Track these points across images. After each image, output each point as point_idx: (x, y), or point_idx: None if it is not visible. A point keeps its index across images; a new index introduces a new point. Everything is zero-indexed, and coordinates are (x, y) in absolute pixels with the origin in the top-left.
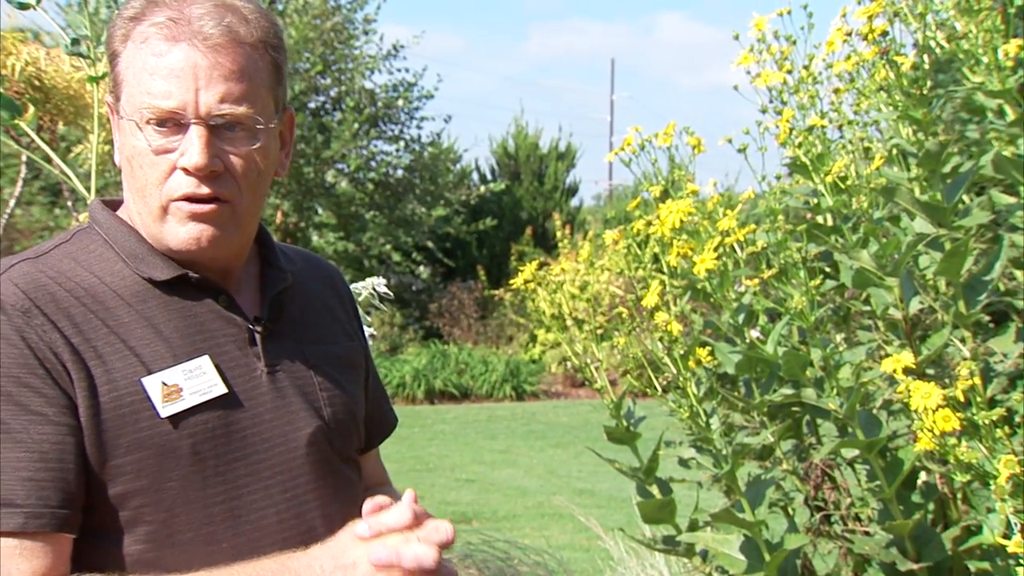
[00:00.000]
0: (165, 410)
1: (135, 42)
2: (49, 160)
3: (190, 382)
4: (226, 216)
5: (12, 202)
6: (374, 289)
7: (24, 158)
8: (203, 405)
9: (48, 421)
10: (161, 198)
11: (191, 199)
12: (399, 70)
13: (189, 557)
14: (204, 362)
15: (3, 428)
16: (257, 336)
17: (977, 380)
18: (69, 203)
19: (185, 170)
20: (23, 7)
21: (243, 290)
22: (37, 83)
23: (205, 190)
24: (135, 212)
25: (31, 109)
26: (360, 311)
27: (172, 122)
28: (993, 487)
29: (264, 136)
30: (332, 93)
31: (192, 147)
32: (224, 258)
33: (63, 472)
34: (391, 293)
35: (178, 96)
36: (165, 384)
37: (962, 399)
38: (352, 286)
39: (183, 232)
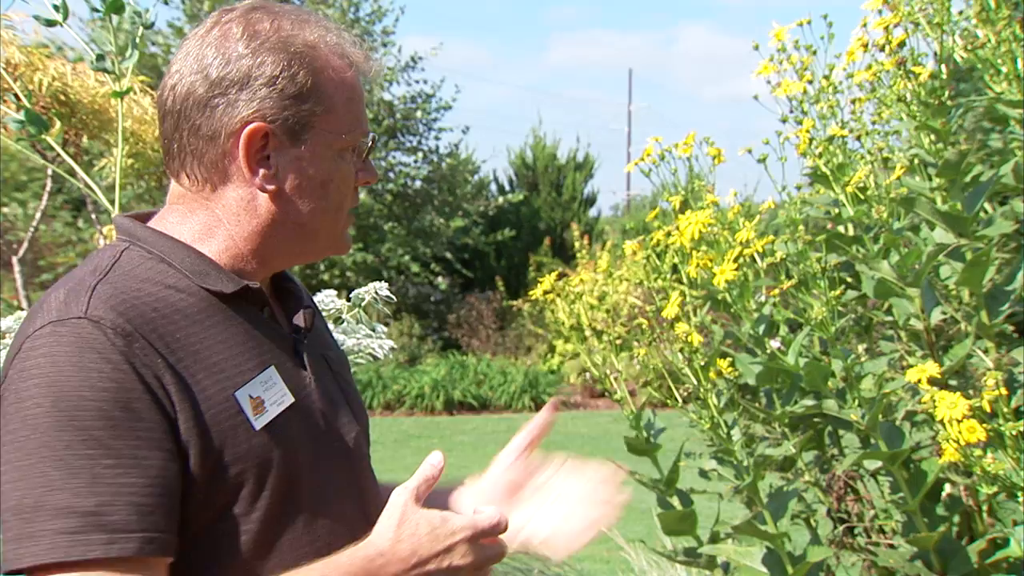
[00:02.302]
0: (258, 422)
1: (332, 71)
2: (74, 174)
3: (267, 393)
4: None
5: (38, 215)
6: (376, 293)
7: (50, 172)
8: (281, 415)
9: (154, 446)
10: (347, 213)
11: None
12: (417, 82)
13: (283, 564)
14: (272, 373)
15: (112, 453)
16: (299, 345)
17: (1003, 390)
18: (93, 216)
19: (368, 185)
20: (50, 24)
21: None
22: (63, 98)
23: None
24: (308, 236)
25: (57, 124)
26: (364, 317)
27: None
28: (1020, 499)
29: None
30: None
31: (370, 167)
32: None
33: (170, 498)
34: (393, 297)
35: (367, 123)
36: (251, 397)
37: (988, 409)
38: (353, 292)
39: (349, 241)
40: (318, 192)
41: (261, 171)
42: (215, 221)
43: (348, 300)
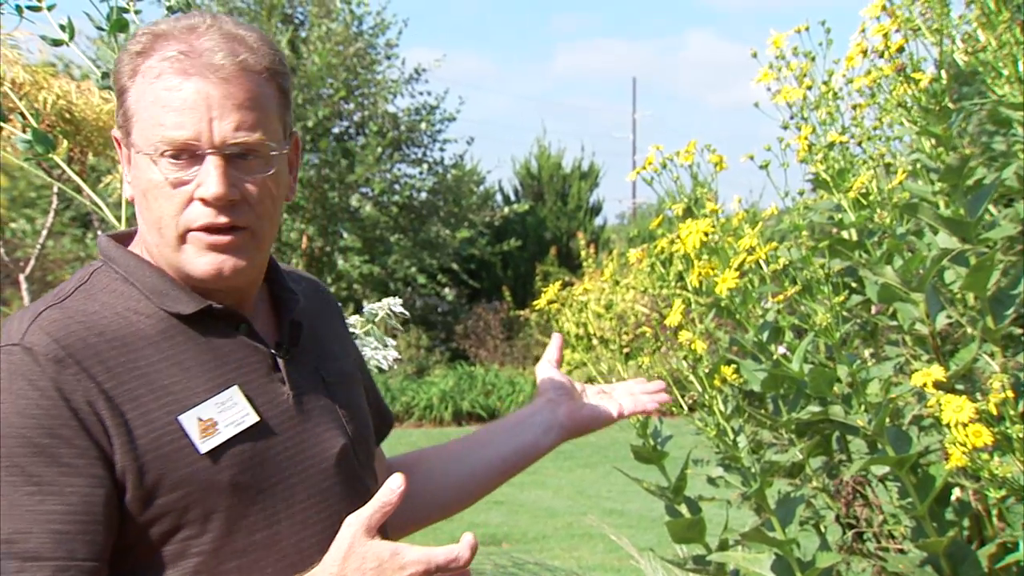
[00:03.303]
0: (204, 445)
1: (145, 77)
2: (80, 191)
3: (223, 414)
4: (246, 242)
5: (44, 233)
6: (390, 310)
7: (56, 189)
8: (238, 436)
9: (78, 473)
10: (178, 228)
11: (209, 229)
12: (421, 93)
13: None
14: (234, 392)
15: (33, 480)
16: (280, 361)
17: (1010, 393)
18: (100, 232)
19: (203, 200)
20: (56, 43)
21: (258, 315)
22: (68, 116)
23: (223, 219)
24: (152, 245)
25: (63, 142)
26: (376, 331)
27: (187, 154)
28: None
29: (276, 162)
30: (355, 118)
31: (210, 177)
32: (244, 286)
33: (92, 524)
34: (407, 312)
35: (192, 127)
36: (201, 419)
37: (995, 412)
38: (367, 307)
39: (203, 262)
40: (143, 203)
41: (127, 179)
42: (140, 234)
43: (358, 313)
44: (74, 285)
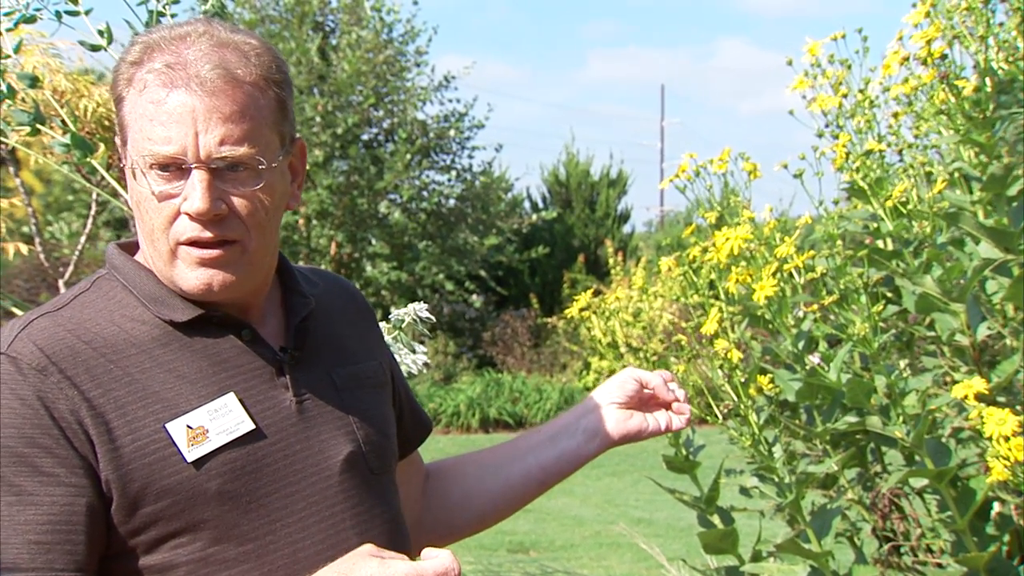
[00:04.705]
0: (191, 454)
1: (136, 88)
2: (117, 195)
3: (216, 422)
4: (236, 257)
5: (83, 239)
6: (416, 315)
7: (95, 195)
8: (230, 444)
9: (59, 483)
10: (169, 242)
11: (197, 243)
12: (450, 100)
13: None
14: (230, 400)
15: (13, 490)
16: (285, 366)
17: None
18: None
19: (188, 215)
20: (94, 49)
21: (267, 320)
22: (107, 123)
23: (209, 234)
24: (149, 256)
25: (101, 147)
26: (403, 338)
27: (174, 167)
28: None
29: (268, 174)
30: (385, 125)
31: (194, 192)
32: (240, 297)
33: (72, 535)
34: (433, 317)
35: (178, 141)
36: (190, 427)
37: None
38: (394, 313)
39: (193, 277)
40: (136, 216)
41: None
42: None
43: (385, 320)
44: (74, 294)
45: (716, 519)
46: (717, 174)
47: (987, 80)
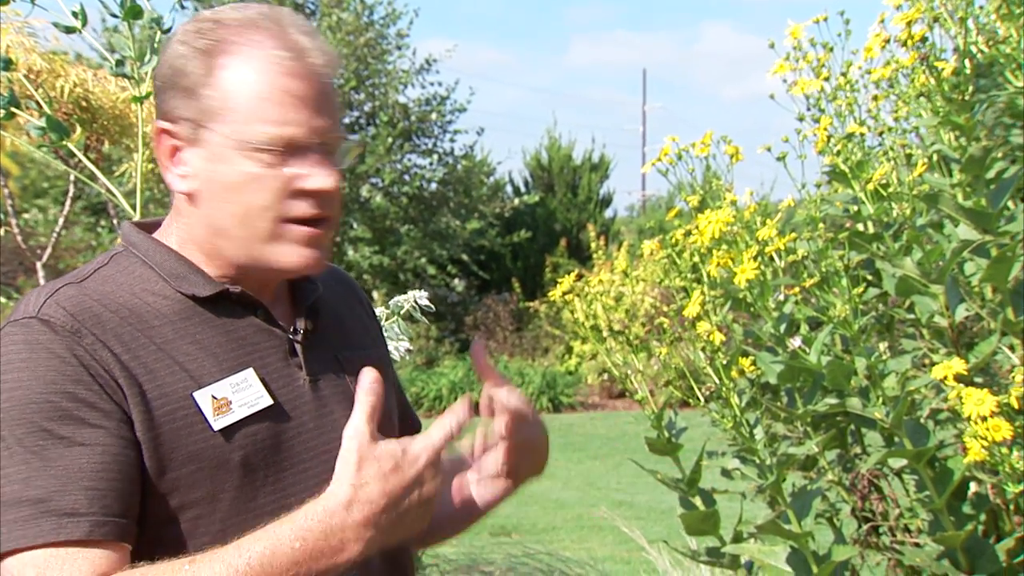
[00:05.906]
0: (217, 423)
1: (238, 71)
2: (95, 179)
3: (238, 395)
4: (328, 235)
5: (60, 221)
6: (416, 303)
7: (72, 178)
8: (251, 417)
9: (108, 433)
10: (271, 221)
11: (307, 221)
12: (432, 84)
13: None
14: (249, 375)
15: (63, 442)
16: (297, 347)
17: None
18: (115, 221)
19: (309, 192)
20: (69, 30)
21: (277, 302)
22: (84, 104)
23: (320, 211)
24: (222, 239)
25: (78, 130)
26: (401, 323)
27: (290, 148)
28: None
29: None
30: (366, 108)
31: (319, 171)
32: (264, 277)
33: (123, 483)
34: (432, 306)
35: (302, 123)
36: (215, 398)
37: (1016, 406)
38: (393, 300)
39: (297, 255)
40: (223, 195)
41: (176, 171)
42: (170, 223)
43: (385, 307)
44: (93, 268)
45: (698, 501)
46: (699, 157)
47: (966, 63)
